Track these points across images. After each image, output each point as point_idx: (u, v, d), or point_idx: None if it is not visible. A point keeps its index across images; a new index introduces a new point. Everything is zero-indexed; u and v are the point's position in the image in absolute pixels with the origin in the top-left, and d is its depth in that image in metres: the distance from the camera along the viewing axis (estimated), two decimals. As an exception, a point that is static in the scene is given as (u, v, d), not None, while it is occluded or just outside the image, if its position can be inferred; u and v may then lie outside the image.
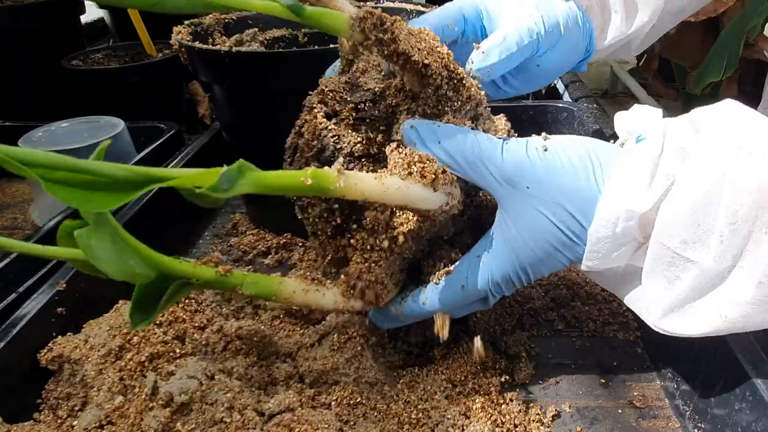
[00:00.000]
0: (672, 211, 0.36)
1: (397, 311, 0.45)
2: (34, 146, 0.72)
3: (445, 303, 0.43)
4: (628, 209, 0.37)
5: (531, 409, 0.46)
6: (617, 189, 0.38)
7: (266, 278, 0.41)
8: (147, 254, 0.35)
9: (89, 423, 0.41)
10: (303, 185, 0.34)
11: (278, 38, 0.76)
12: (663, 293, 0.38)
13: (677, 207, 0.35)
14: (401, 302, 0.45)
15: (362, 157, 0.43)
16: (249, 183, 0.33)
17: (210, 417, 0.40)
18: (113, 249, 0.32)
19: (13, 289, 0.51)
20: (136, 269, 0.34)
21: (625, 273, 0.41)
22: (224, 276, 0.39)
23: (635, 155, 0.39)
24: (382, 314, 0.46)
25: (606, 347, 0.53)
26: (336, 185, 0.35)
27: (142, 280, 0.34)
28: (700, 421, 0.43)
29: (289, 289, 0.42)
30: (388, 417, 0.44)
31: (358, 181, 0.37)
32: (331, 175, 0.35)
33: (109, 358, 0.45)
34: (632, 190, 0.37)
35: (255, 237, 0.70)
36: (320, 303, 0.43)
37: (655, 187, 0.36)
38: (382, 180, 0.38)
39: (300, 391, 0.44)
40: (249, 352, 0.47)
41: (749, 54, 0.98)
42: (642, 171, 0.37)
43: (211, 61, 0.60)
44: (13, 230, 0.76)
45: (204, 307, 0.52)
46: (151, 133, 0.80)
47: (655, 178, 0.37)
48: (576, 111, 0.83)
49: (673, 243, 0.36)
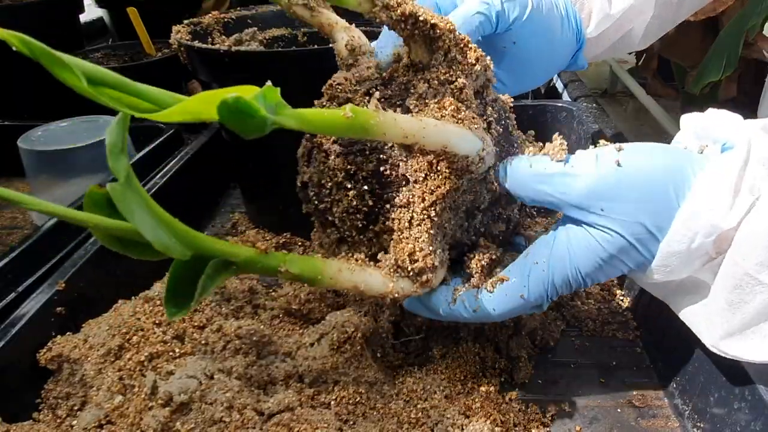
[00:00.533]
0: (752, 229, 0.34)
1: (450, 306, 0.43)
2: (33, 146, 0.72)
3: (503, 311, 0.42)
4: (712, 224, 0.35)
5: (530, 408, 0.46)
6: (700, 203, 0.36)
7: (308, 258, 0.39)
8: (181, 228, 0.32)
9: (89, 422, 0.41)
10: (343, 120, 0.33)
11: (277, 37, 0.76)
12: (727, 314, 0.36)
13: (758, 225, 0.33)
14: (451, 303, 0.43)
15: None
16: (293, 116, 0.31)
17: (209, 416, 0.40)
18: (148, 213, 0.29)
19: (13, 288, 0.50)
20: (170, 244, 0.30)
21: (681, 284, 0.39)
22: (264, 255, 0.36)
23: (720, 166, 0.36)
24: (423, 304, 0.44)
25: (605, 347, 0.53)
26: (376, 119, 0.35)
27: (178, 255, 0.31)
28: (699, 421, 0.43)
29: (335, 268, 0.39)
30: (388, 416, 0.44)
31: (396, 117, 0.36)
32: (370, 110, 0.35)
33: (109, 358, 0.45)
34: (717, 205, 0.35)
35: (254, 236, 0.70)
36: (368, 283, 0.40)
37: (740, 202, 0.34)
38: (420, 117, 0.38)
39: (299, 391, 0.44)
40: (248, 352, 0.47)
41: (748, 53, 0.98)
42: (727, 184, 0.35)
43: (211, 61, 0.60)
44: (12, 229, 0.76)
45: (203, 307, 0.52)
46: (151, 133, 0.80)
47: (741, 192, 0.35)
48: (575, 110, 0.83)
49: (748, 263, 0.34)
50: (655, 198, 0.37)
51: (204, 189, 0.78)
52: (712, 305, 0.37)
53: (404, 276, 0.40)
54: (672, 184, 0.37)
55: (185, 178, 0.72)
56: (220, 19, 0.72)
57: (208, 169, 0.78)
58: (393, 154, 0.41)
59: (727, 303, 0.36)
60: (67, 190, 0.70)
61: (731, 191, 0.35)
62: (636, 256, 0.38)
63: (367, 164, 0.42)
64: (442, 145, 0.38)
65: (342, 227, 0.44)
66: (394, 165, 0.42)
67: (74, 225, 0.59)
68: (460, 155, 0.38)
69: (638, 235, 0.37)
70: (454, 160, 0.39)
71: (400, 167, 0.41)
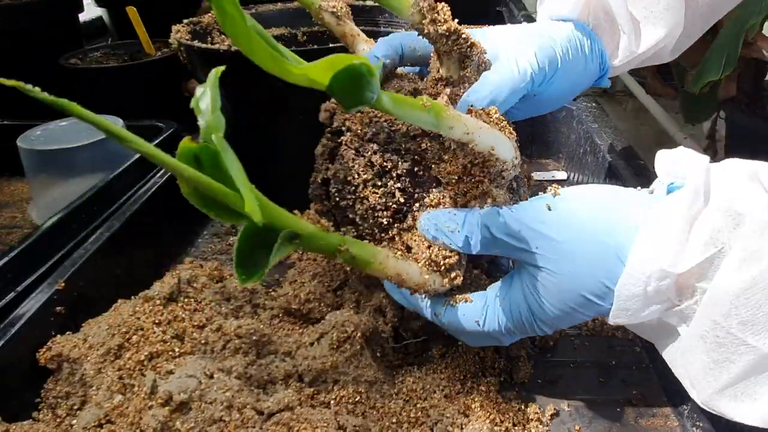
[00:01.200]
0: (728, 287, 0.32)
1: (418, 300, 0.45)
2: (33, 145, 0.72)
3: (457, 328, 0.44)
4: (662, 269, 0.34)
5: (530, 407, 0.46)
6: (648, 245, 0.35)
7: (363, 242, 0.40)
8: (258, 194, 0.33)
9: (88, 422, 0.41)
10: (423, 108, 0.37)
11: (277, 37, 0.75)
12: (714, 372, 0.35)
13: (734, 283, 0.32)
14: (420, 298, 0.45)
15: (417, 137, 0.44)
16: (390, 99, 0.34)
17: (209, 416, 0.40)
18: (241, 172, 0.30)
19: (12, 287, 0.50)
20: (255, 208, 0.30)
21: (660, 326, 0.39)
22: (326, 232, 0.37)
23: (668, 207, 0.36)
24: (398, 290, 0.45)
25: (605, 346, 0.53)
26: (447, 112, 0.38)
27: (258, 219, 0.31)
28: (698, 420, 0.43)
29: (384, 255, 0.41)
30: (388, 416, 0.44)
31: (460, 114, 0.40)
32: (442, 104, 0.38)
33: (108, 357, 0.45)
34: (665, 248, 0.34)
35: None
36: (408, 272, 0.42)
37: (695, 247, 0.34)
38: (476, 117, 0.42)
39: (299, 390, 0.44)
40: (248, 351, 0.47)
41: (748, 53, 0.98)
42: (677, 226, 0.34)
43: (210, 60, 0.60)
44: (12, 229, 0.76)
45: (203, 306, 0.52)
46: (150, 132, 0.80)
47: (696, 237, 0.34)
48: (575, 110, 0.83)
49: (730, 323, 0.33)
50: (597, 242, 0.38)
51: (203, 188, 0.78)
52: (697, 362, 0.36)
53: (436, 271, 0.42)
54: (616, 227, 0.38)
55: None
56: (219, 18, 0.72)
57: (208, 168, 0.78)
58: (426, 156, 0.44)
59: (713, 362, 0.35)
60: (66, 190, 0.70)
61: (682, 234, 0.34)
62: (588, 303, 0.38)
63: (402, 163, 0.44)
64: (491, 147, 0.41)
65: (362, 224, 0.46)
66: (427, 166, 0.44)
67: (74, 224, 0.60)
68: (500, 159, 0.42)
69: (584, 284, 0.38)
70: (493, 164, 0.42)
71: (433, 169, 0.44)
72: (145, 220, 0.62)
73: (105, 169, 0.69)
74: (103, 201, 0.65)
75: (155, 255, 0.64)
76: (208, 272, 0.57)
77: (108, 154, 0.73)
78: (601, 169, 0.71)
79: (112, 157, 0.73)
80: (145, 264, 0.61)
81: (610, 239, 0.37)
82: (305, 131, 0.57)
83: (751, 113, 1.03)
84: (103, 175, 0.68)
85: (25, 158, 0.73)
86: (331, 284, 0.57)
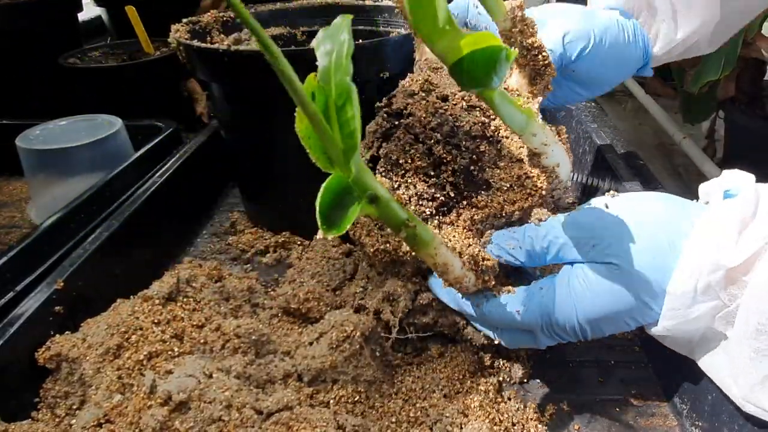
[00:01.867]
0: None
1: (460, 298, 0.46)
2: (32, 145, 0.72)
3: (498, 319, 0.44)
4: (713, 262, 0.35)
5: (529, 407, 0.46)
6: (701, 240, 0.37)
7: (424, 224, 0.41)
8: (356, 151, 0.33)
9: (87, 422, 0.41)
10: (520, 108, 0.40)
11: (276, 36, 0.75)
12: (755, 362, 0.35)
13: None
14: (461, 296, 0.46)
15: (477, 138, 0.46)
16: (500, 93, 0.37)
17: (208, 415, 0.40)
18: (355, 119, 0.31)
19: (11, 287, 0.50)
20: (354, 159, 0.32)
21: (703, 338, 0.39)
22: (399, 203, 0.38)
23: (723, 208, 0.37)
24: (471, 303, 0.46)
25: (604, 345, 0.53)
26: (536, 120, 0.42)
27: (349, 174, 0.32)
28: (697, 419, 0.43)
29: (439, 241, 0.41)
30: (387, 415, 0.44)
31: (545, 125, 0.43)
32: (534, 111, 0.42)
33: (108, 357, 0.45)
34: (718, 242, 0.36)
35: (253, 235, 0.70)
36: (453, 265, 0.42)
37: (746, 241, 0.35)
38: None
39: (298, 390, 0.44)
40: (247, 351, 0.47)
41: (747, 53, 0.98)
42: (730, 225, 0.36)
43: (210, 60, 0.60)
44: (11, 228, 0.76)
45: (202, 306, 0.52)
46: (149, 132, 0.80)
47: (747, 236, 0.35)
48: (574, 110, 0.83)
49: None
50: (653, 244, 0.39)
51: (203, 188, 0.78)
52: (737, 355, 0.36)
53: (473, 270, 0.43)
54: (666, 222, 0.39)
55: (184, 176, 0.72)
56: (218, 17, 0.72)
57: (207, 167, 0.78)
58: (483, 159, 0.46)
59: (754, 351, 0.35)
60: (65, 189, 0.70)
61: (735, 232, 0.35)
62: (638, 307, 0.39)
63: (461, 159, 0.45)
64: (557, 164, 0.44)
65: None
66: (482, 168, 0.46)
67: (73, 224, 0.60)
68: (559, 177, 0.44)
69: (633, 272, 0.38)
70: (552, 180, 0.45)
71: (486, 172, 0.46)
72: (144, 219, 0.62)
73: (104, 169, 0.69)
74: (102, 200, 0.64)
75: (154, 255, 0.64)
76: (207, 272, 0.57)
77: (107, 153, 0.73)
78: (600, 169, 0.71)
79: (111, 156, 0.73)
80: (144, 263, 0.61)
81: (665, 236, 0.39)
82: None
83: (751, 113, 1.03)
84: (102, 175, 0.68)
85: (24, 158, 0.73)
86: (330, 284, 0.57)
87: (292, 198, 0.67)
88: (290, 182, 0.67)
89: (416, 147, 0.46)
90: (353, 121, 0.31)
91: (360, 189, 0.34)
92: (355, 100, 0.30)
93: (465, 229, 0.45)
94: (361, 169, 0.33)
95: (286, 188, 0.68)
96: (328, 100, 0.31)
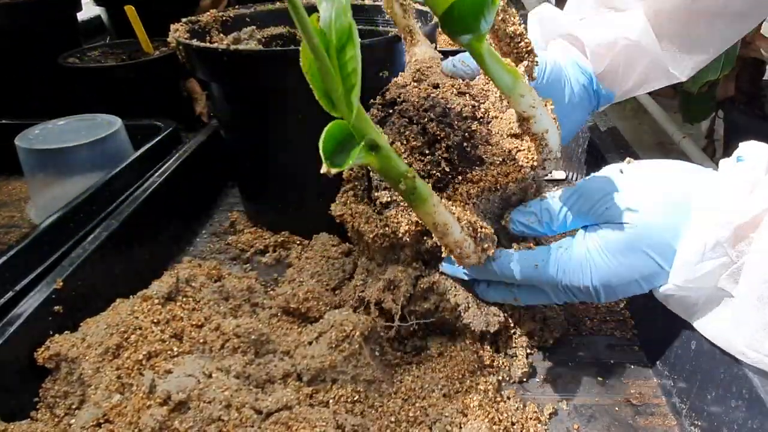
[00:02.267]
0: None
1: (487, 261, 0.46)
2: (31, 144, 0.72)
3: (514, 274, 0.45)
4: (723, 219, 0.36)
5: (528, 406, 0.46)
6: (712, 201, 0.38)
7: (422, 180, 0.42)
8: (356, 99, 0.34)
9: (87, 421, 0.41)
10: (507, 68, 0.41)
11: (276, 36, 0.75)
12: (759, 310, 0.36)
13: None
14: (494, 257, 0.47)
15: (468, 118, 0.49)
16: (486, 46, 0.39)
17: (208, 415, 0.40)
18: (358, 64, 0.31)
19: (10, 287, 0.50)
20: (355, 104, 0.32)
21: (706, 301, 0.41)
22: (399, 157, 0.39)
23: (734, 171, 0.39)
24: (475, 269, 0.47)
25: (603, 345, 0.53)
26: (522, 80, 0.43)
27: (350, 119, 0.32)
28: (696, 419, 0.43)
29: (438, 199, 0.42)
30: (386, 415, 0.44)
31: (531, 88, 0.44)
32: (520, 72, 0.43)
33: (107, 357, 0.45)
34: (728, 200, 0.37)
35: (253, 235, 0.70)
36: (452, 226, 0.43)
37: (754, 200, 0.36)
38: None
39: (298, 389, 0.44)
40: (246, 350, 0.47)
41: (746, 52, 0.98)
42: (740, 185, 0.37)
43: (209, 59, 0.60)
44: (10, 228, 0.76)
45: (201, 306, 0.52)
46: (149, 131, 0.80)
47: (756, 196, 0.36)
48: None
49: None
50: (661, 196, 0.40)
51: (202, 187, 0.78)
52: (741, 306, 0.37)
53: (472, 236, 0.44)
54: (678, 184, 0.40)
55: (183, 176, 0.72)
56: (218, 17, 0.72)
57: (207, 167, 0.78)
58: (475, 137, 0.48)
59: (758, 298, 0.36)
60: (64, 189, 0.70)
61: (745, 189, 0.36)
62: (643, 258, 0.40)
63: (453, 136, 0.47)
64: (546, 129, 0.45)
65: None
66: (474, 145, 0.48)
67: (72, 223, 0.59)
68: (549, 146, 0.46)
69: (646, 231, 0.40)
70: (542, 148, 0.46)
71: (479, 148, 0.48)
72: (143, 219, 0.62)
73: (103, 169, 0.69)
74: (101, 200, 0.64)
75: (153, 254, 0.64)
76: (207, 271, 0.57)
77: (106, 153, 0.73)
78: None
79: (111, 156, 0.72)
80: (144, 263, 0.61)
81: (677, 197, 0.40)
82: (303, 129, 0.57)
83: (750, 113, 1.03)
84: (101, 175, 0.68)
85: (23, 157, 0.73)
86: (329, 283, 0.57)
87: (291, 198, 0.67)
88: (290, 182, 0.67)
89: (411, 128, 0.48)
90: (353, 61, 0.31)
91: (359, 134, 0.35)
92: (355, 40, 0.31)
93: (462, 203, 0.46)
94: (360, 114, 0.34)
95: (286, 188, 0.68)
96: (329, 46, 0.31)
